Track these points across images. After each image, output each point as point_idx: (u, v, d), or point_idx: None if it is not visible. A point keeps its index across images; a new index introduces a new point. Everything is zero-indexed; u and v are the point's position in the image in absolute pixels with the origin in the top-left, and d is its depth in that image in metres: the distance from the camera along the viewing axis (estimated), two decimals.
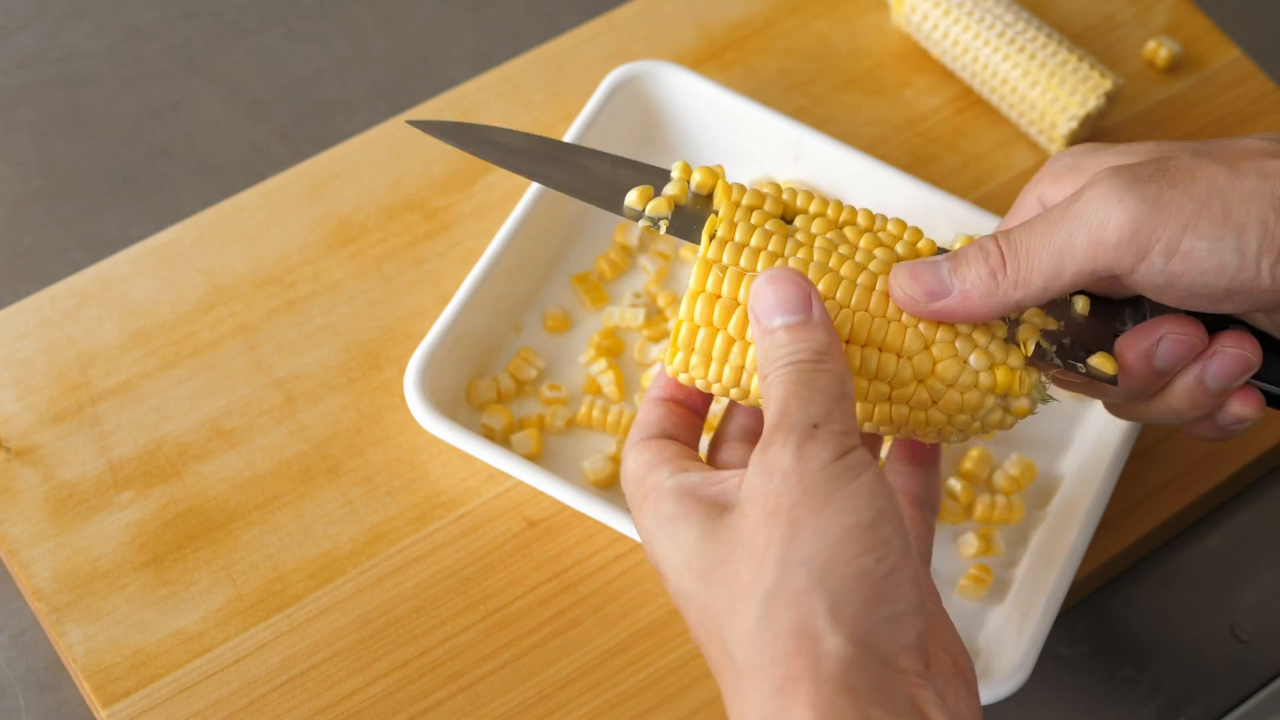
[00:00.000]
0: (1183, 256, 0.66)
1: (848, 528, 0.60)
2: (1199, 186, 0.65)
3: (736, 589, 0.60)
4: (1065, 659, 0.86)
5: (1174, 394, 0.72)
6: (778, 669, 0.58)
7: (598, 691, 0.81)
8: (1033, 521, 0.86)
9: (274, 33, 1.03)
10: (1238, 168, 0.66)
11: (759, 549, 0.60)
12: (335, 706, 0.80)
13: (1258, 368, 0.70)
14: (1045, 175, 0.72)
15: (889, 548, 0.60)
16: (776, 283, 0.66)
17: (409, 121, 0.77)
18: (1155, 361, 0.70)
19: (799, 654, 0.58)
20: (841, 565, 0.59)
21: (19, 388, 0.86)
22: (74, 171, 0.97)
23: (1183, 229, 0.65)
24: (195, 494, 0.84)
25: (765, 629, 0.59)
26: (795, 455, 0.61)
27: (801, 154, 0.92)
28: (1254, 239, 0.65)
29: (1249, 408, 0.72)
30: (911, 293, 0.67)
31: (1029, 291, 0.67)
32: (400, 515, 0.84)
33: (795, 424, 0.62)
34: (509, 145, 0.75)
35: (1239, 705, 0.86)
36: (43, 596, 0.81)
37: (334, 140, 0.97)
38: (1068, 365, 0.71)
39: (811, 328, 0.65)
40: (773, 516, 0.60)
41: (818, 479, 0.61)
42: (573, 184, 0.74)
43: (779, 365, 0.64)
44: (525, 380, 0.88)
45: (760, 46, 1.00)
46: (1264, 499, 0.92)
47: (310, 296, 0.90)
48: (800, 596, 0.59)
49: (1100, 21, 1.03)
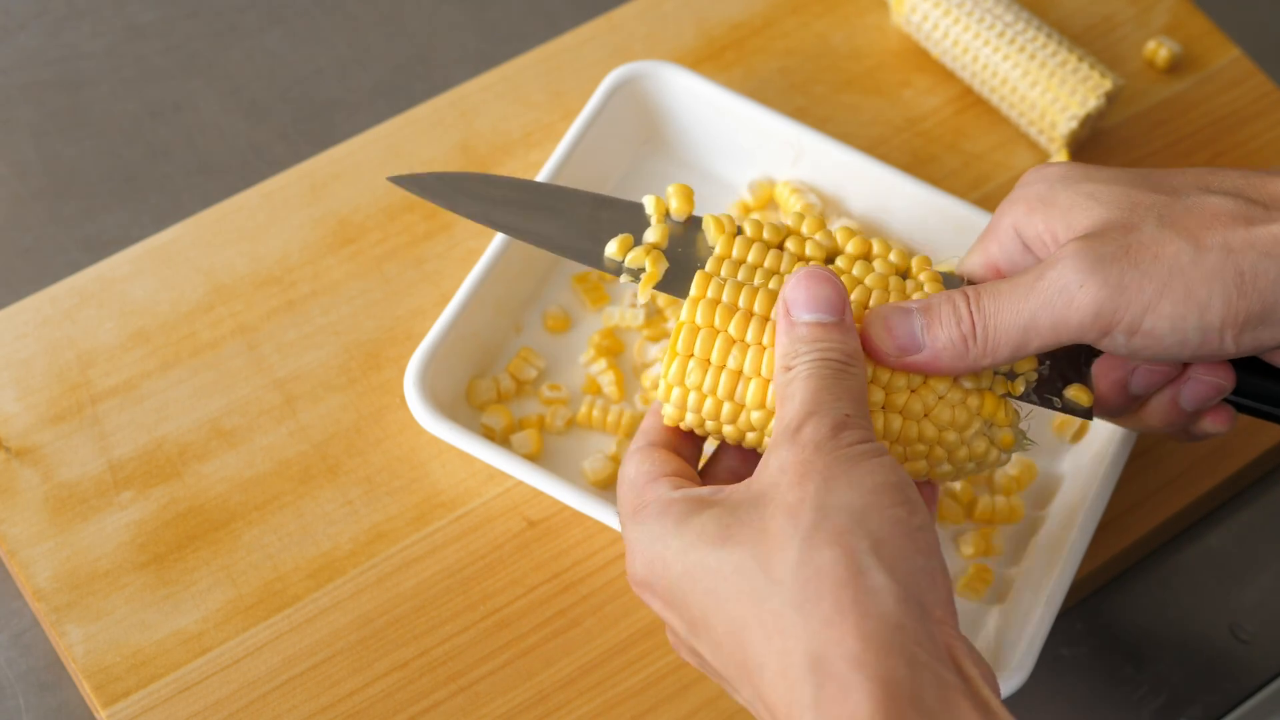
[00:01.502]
0: (1145, 335, 0.68)
1: (881, 483, 0.62)
2: (1161, 267, 0.67)
3: (768, 539, 0.61)
4: (1065, 659, 0.86)
5: (1149, 412, 0.74)
6: (824, 604, 0.59)
7: (598, 691, 0.81)
8: (1033, 521, 0.86)
9: (274, 33, 1.03)
10: (1202, 242, 0.67)
11: (793, 503, 0.62)
12: (335, 706, 0.80)
13: (1230, 391, 0.72)
14: (1020, 200, 0.73)
15: (919, 506, 0.62)
16: (815, 280, 0.67)
17: (390, 179, 0.78)
18: (1130, 389, 0.72)
19: (845, 587, 0.59)
20: (878, 511, 0.61)
21: (19, 388, 0.86)
22: (74, 171, 0.97)
23: (1144, 310, 0.67)
24: (195, 494, 0.84)
25: (807, 567, 0.60)
26: (830, 432, 0.63)
27: (801, 154, 0.92)
28: (1216, 316, 0.67)
29: (1220, 424, 0.74)
30: (884, 345, 0.69)
31: (996, 359, 0.69)
32: (400, 515, 0.84)
33: (828, 412, 0.64)
34: (489, 196, 0.77)
35: (1239, 705, 0.86)
36: (43, 596, 0.81)
37: (334, 140, 0.97)
38: (1044, 400, 0.73)
39: (844, 330, 0.67)
40: (805, 476, 0.62)
41: (850, 452, 0.63)
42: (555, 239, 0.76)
43: (807, 358, 0.66)
44: (525, 380, 0.88)
45: (760, 46, 1.00)
46: (1264, 499, 0.92)
47: (310, 296, 0.90)
48: (842, 535, 0.60)
49: (1100, 21, 1.03)
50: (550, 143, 0.95)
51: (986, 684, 0.60)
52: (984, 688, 0.59)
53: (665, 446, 0.71)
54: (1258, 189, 0.70)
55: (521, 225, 0.76)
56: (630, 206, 0.75)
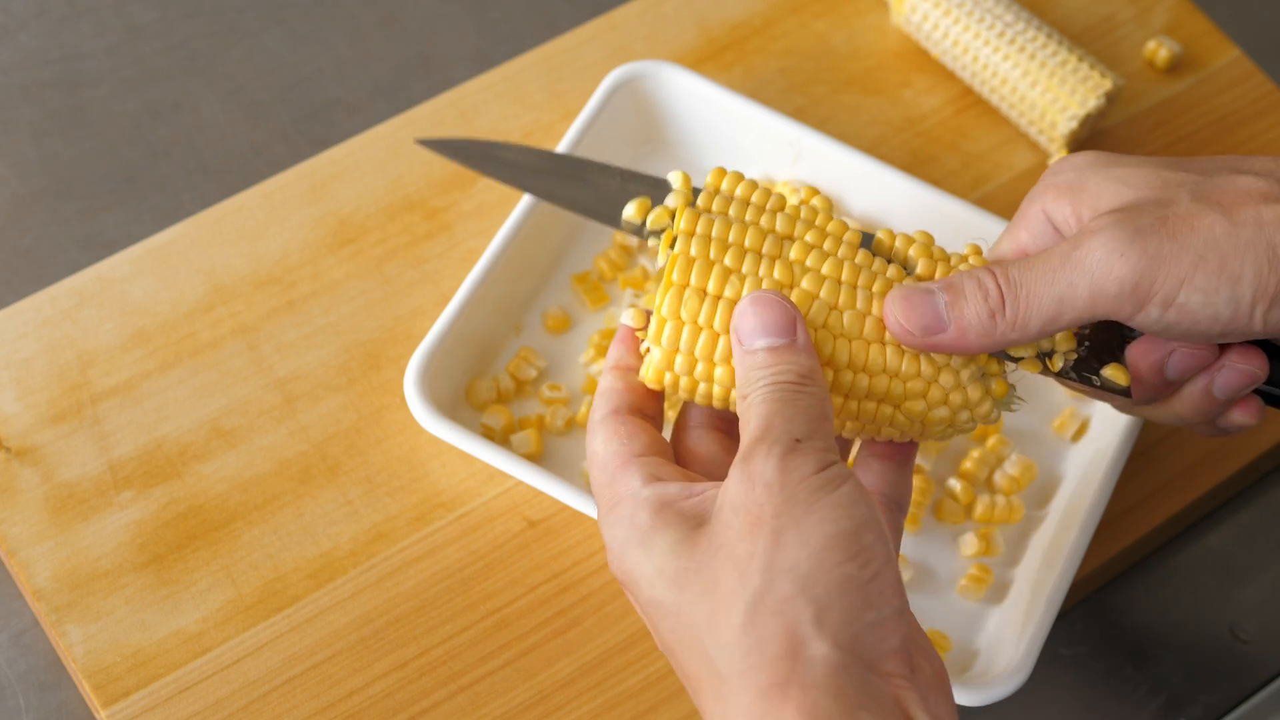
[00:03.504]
0: (1178, 309, 0.67)
1: (831, 535, 0.60)
2: (1197, 238, 0.67)
3: (718, 596, 0.60)
4: (1065, 659, 0.86)
5: (1180, 401, 0.73)
6: (763, 675, 0.58)
7: (598, 691, 0.81)
8: (1033, 521, 0.86)
9: (274, 33, 1.03)
10: (1235, 216, 0.67)
11: (742, 557, 0.60)
12: (335, 706, 0.80)
13: (1263, 380, 0.72)
14: (1049, 188, 0.72)
15: (871, 554, 0.60)
16: (761, 305, 0.66)
17: (418, 140, 0.77)
18: (1166, 373, 0.71)
19: (785, 659, 0.58)
20: (825, 572, 0.59)
21: (19, 388, 0.86)
22: (74, 171, 0.97)
23: (1179, 283, 0.67)
24: (195, 494, 0.84)
25: (749, 635, 0.59)
26: (779, 466, 0.61)
27: (801, 154, 0.92)
28: (1248, 290, 0.67)
29: (1249, 416, 0.74)
30: (907, 325, 0.68)
31: (1025, 334, 0.68)
32: (400, 515, 0.84)
33: (779, 437, 0.62)
34: (518, 163, 0.76)
35: (1239, 705, 0.86)
36: (43, 596, 0.81)
37: (334, 140, 0.97)
38: (1082, 378, 0.71)
39: (795, 351, 0.65)
40: (755, 525, 0.60)
41: (800, 489, 0.61)
42: (582, 201, 0.75)
43: (761, 385, 0.65)
44: (525, 380, 0.88)
45: (760, 46, 1.00)
46: (1264, 499, 0.92)
47: (310, 296, 0.90)
48: (785, 603, 0.59)
49: (1100, 21, 1.03)
50: (550, 143, 0.95)
51: None
52: None
53: (633, 411, 0.69)
54: None
55: (547, 188, 0.75)
56: (656, 181, 0.75)
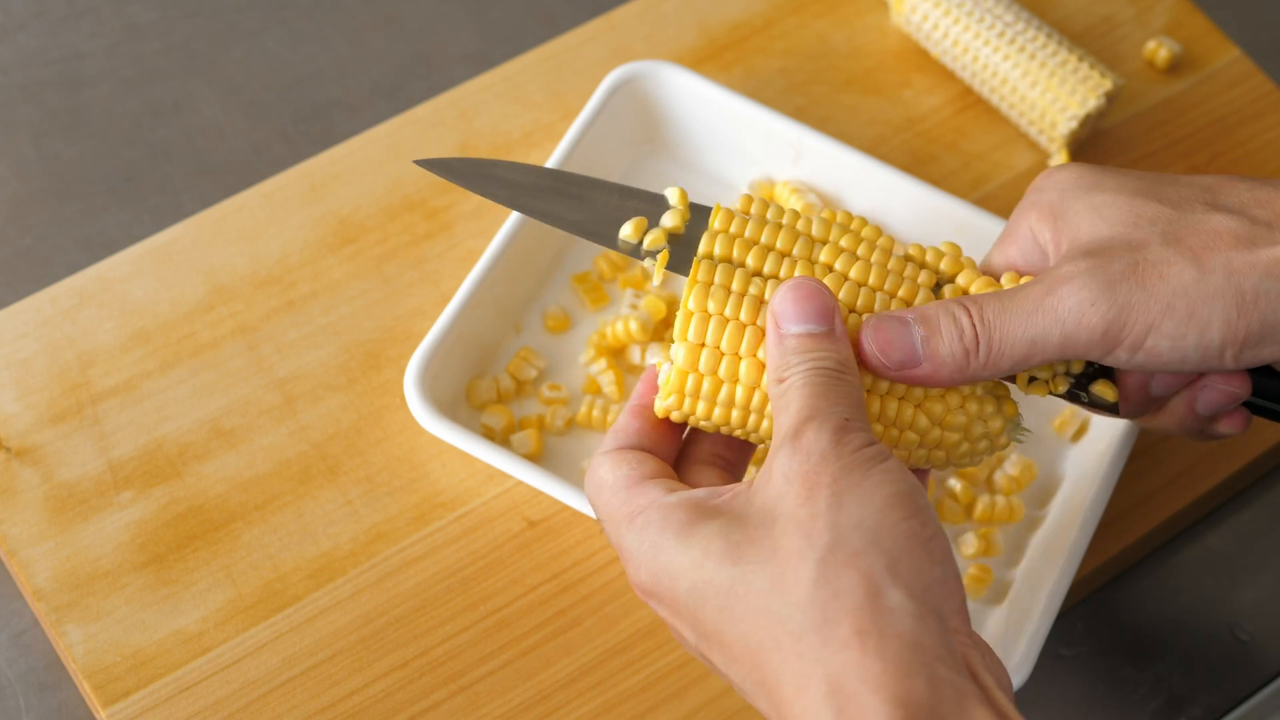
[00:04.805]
0: (1146, 351, 0.69)
1: (891, 495, 0.62)
2: (1165, 287, 0.69)
3: (781, 558, 0.61)
4: (1065, 659, 0.86)
5: (1165, 415, 0.76)
6: (842, 626, 0.59)
7: (598, 691, 0.81)
8: (1033, 521, 0.86)
9: (274, 33, 1.03)
10: (1205, 263, 0.69)
11: (804, 519, 0.61)
12: (335, 706, 0.80)
13: (1245, 398, 0.74)
14: (1034, 205, 0.74)
15: (929, 514, 0.62)
16: (801, 292, 0.67)
17: (416, 161, 0.77)
18: (1151, 390, 0.74)
19: (864, 609, 0.59)
20: (892, 525, 0.61)
21: (19, 388, 0.86)
22: (74, 171, 0.97)
23: (1147, 329, 0.69)
24: (195, 494, 0.84)
25: (825, 589, 0.60)
26: (832, 439, 0.63)
27: (801, 154, 0.92)
28: (1217, 334, 0.69)
29: (1235, 427, 0.76)
30: (883, 358, 0.69)
31: (996, 373, 0.70)
32: (400, 515, 0.84)
33: (828, 416, 0.64)
34: (516, 181, 0.76)
35: (1239, 705, 0.86)
36: (43, 596, 0.81)
37: (334, 140, 0.97)
38: (1071, 394, 0.73)
39: (834, 339, 0.67)
40: (813, 490, 0.62)
41: (855, 459, 0.63)
42: (579, 223, 0.75)
43: (800, 369, 0.66)
44: (525, 380, 0.88)
45: (760, 46, 1.00)
46: (1264, 499, 0.92)
47: (310, 296, 0.90)
48: (858, 555, 0.60)
49: (1100, 21, 1.03)
50: (550, 143, 0.95)
51: (1000, 687, 0.60)
52: (999, 695, 0.59)
53: (636, 448, 0.70)
54: (1263, 205, 0.71)
55: (546, 209, 0.75)
56: (654, 197, 0.75)
